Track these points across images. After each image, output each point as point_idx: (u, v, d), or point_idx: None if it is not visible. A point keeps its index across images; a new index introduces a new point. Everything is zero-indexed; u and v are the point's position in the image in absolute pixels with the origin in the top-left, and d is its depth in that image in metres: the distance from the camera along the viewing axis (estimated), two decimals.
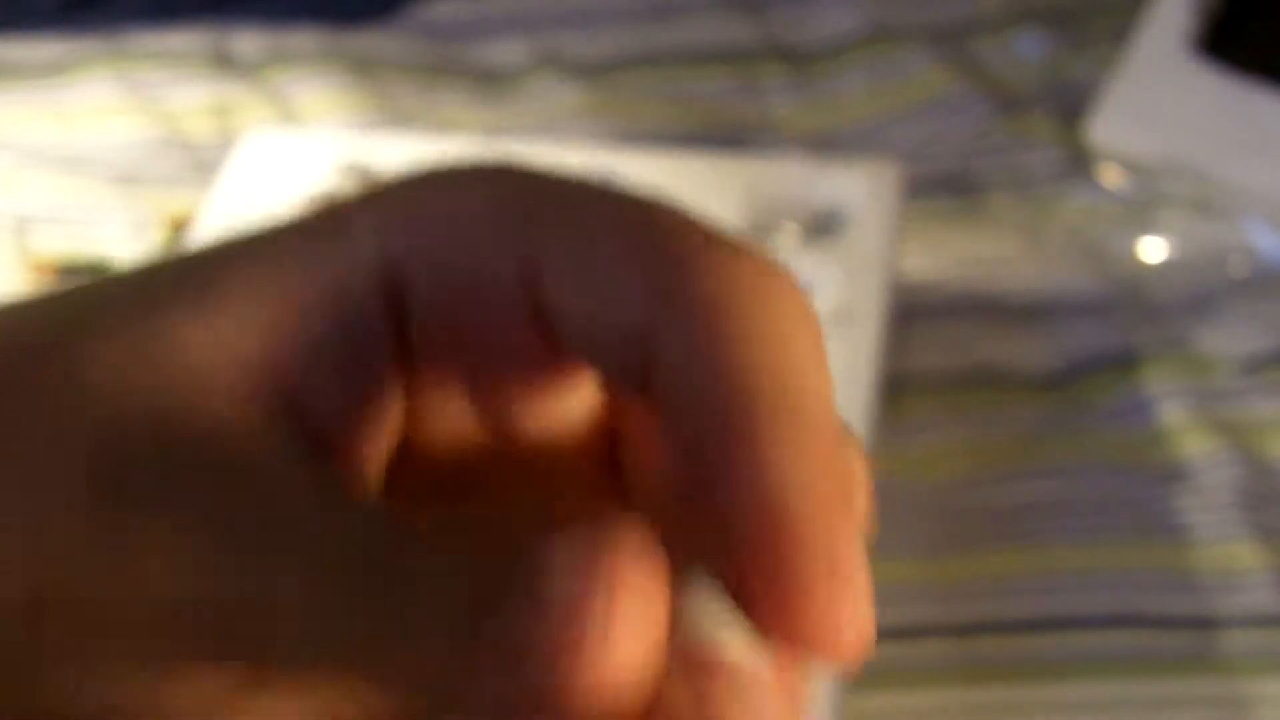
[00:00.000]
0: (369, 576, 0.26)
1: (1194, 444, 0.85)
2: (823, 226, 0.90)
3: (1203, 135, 0.99)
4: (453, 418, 0.31)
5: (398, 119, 1.09)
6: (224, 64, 1.14)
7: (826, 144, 1.06)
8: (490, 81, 1.13)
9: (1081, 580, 0.79)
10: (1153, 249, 0.97)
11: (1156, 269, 0.96)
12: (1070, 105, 1.06)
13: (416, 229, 0.30)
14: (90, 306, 0.29)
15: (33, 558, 0.26)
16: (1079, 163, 1.03)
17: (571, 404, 0.31)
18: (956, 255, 0.98)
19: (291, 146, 0.95)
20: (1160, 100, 1.01)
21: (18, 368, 0.28)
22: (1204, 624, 0.78)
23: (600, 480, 0.31)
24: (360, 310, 0.30)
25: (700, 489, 0.27)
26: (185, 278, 0.30)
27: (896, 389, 0.87)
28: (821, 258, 0.87)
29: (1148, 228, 0.98)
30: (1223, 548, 0.81)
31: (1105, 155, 1.02)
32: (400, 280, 0.30)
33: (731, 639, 0.26)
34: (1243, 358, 0.90)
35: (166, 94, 1.12)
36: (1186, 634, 0.77)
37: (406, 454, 0.31)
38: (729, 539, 0.26)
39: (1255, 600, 0.78)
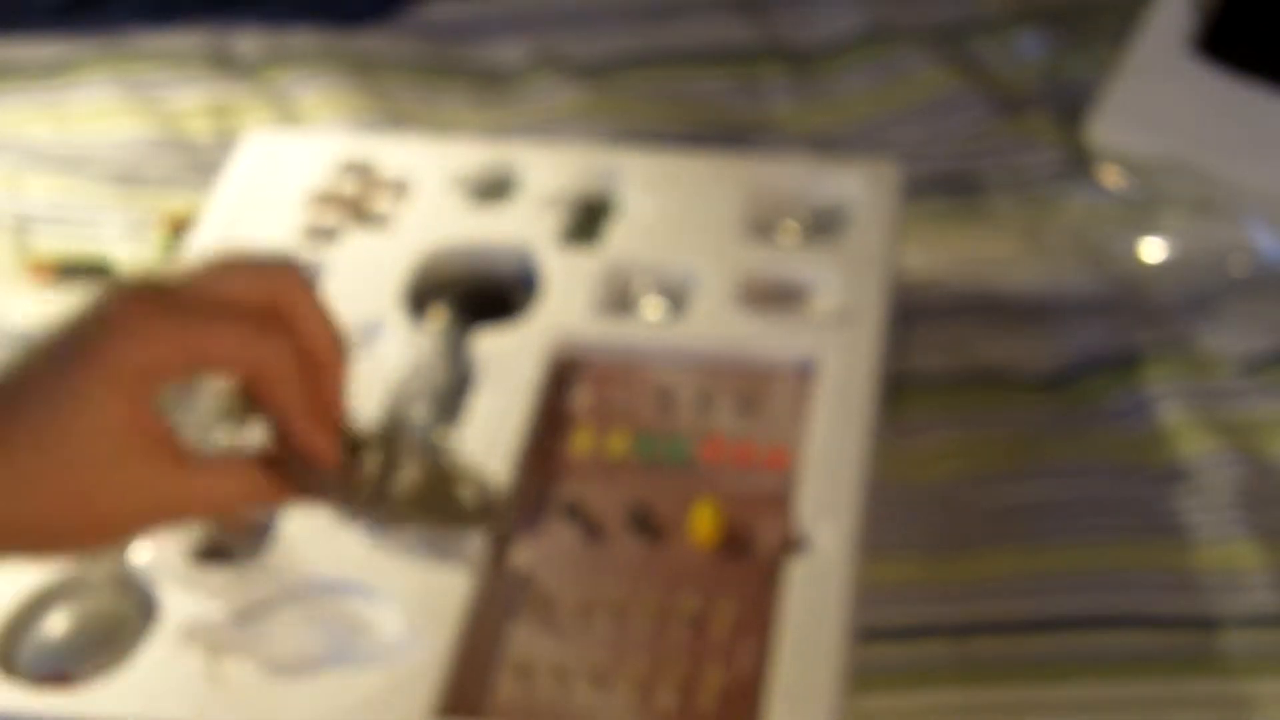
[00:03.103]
0: None
1: (1194, 444, 0.86)
2: (823, 226, 0.90)
3: (1203, 135, 0.99)
4: None
5: (398, 119, 1.09)
6: (224, 64, 1.14)
7: (826, 144, 1.06)
8: (490, 81, 1.13)
9: (1082, 580, 0.79)
10: (1153, 249, 0.97)
11: (1156, 269, 0.96)
12: (1070, 105, 1.06)
13: None
14: None
15: None
16: (1079, 163, 1.03)
17: None
18: (956, 255, 0.98)
19: (291, 146, 0.95)
20: (1160, 100, 1.01)
21: None
22: (1204, 624, 0.78)
23: None
24: None
25: None
26: None
27: (896, 389, 0.87)
28: (821, 257, 0.87)
29: (1148, 228, 0.98)
30: (1223, 548, 0.81)
31: (1105, 155, 1.02)
32: None
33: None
34: (1243, 358, 0.90)
35: (166, 94, 1.12)
36: (1186, 634, 0.77)
37: None
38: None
39: (1255, 600, 0.78)
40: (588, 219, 0.90)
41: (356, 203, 0.91)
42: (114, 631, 0.70)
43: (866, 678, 0.75)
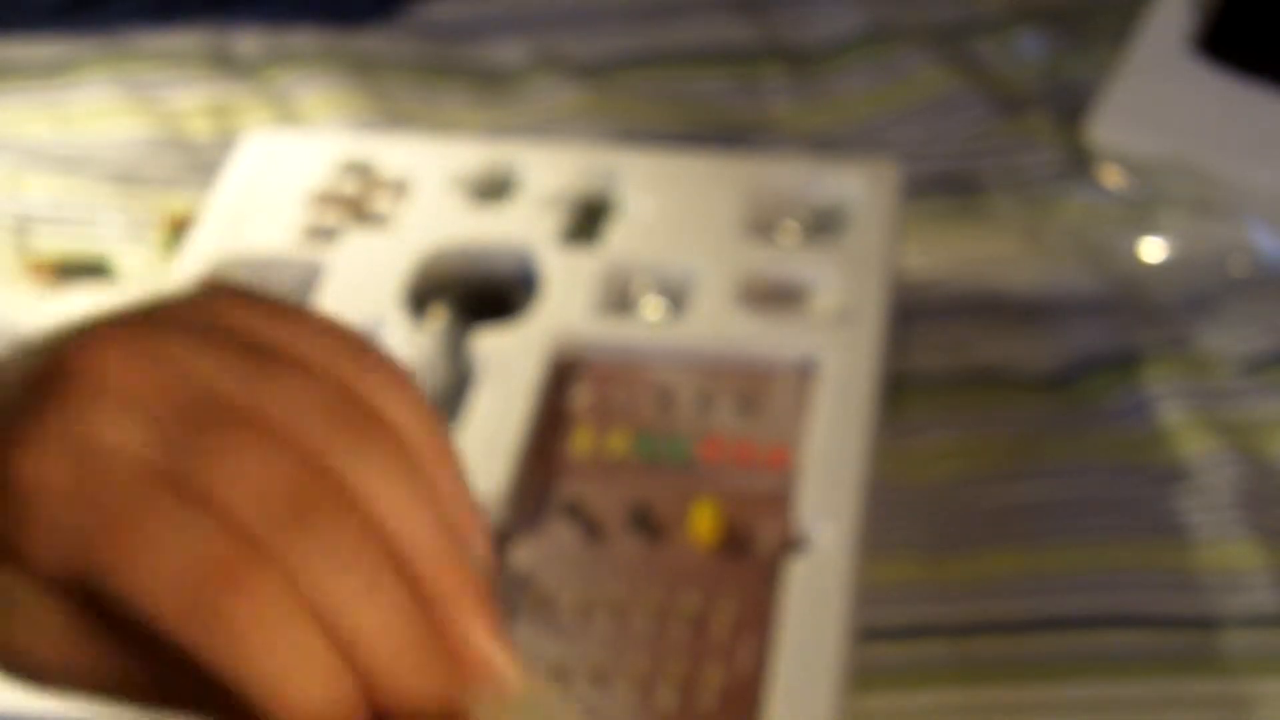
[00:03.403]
0: None
1: (1194, 444, 0.85)
2: (823, 225, 0.90)
3: (1203, 135, 0.99)
4: None
5: (398, 119, 1.09)
6: (224, 64, 1.14)
7: (826, 144, 1.06)
8: (490, 81, 1.13)
9: (1082, 580, 0.80)
10: (1153, 249, 0.97)
11: (1156, 269, 0.96)
12: (1070, 105, 1.06)
13: None
14: None
15: None
16: (1079, 163, 1.03)
17: None
18: (956, 255, 0.98)
19: (291, 146, 0.95)
20: (1160, 100, 1.01)
21: None
22: (1204, 624, 0.78)
23: None
24: None
25: None
26: None
27: (896, 389, 0.87)
28: (821, 257, 0.87)
29: (1148, 228, 0.98)
30: (1223, 548, 0.81)
31: (1105, 155, 1.02)
32: None
33: None
34: (1243, 358, 0.90)
35: (166, 94, 1.12)
36: (1186, 634, 0.77)
37: None
38: None
39: (1255, 600, 0.78)
40: (588, 219, 0.90)
41: (356, 203, 0.91)
42: None
43: (866, 678, 0.75)
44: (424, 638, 0.36)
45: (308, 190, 0.91)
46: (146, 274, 0.98)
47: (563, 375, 0.81)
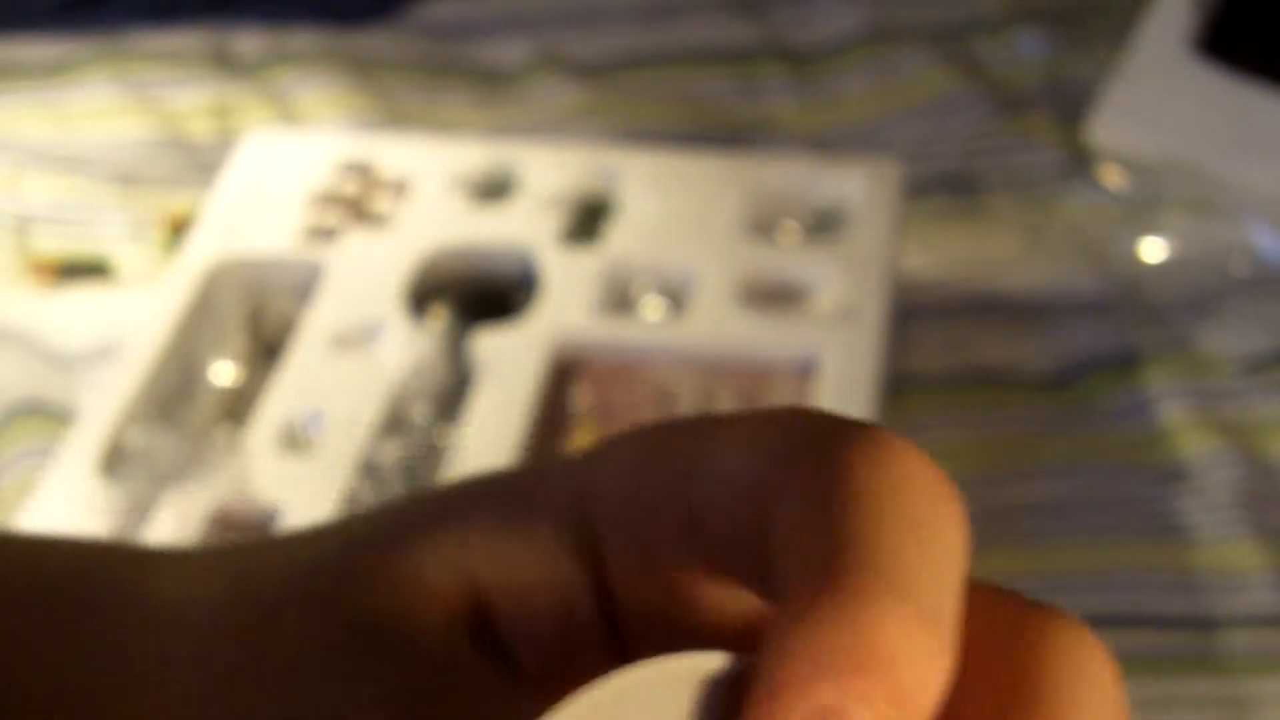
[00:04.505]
0: None
1: (1194, 444, 0.86)
2: (823, 225, 0.90)
3: (1203, 135, 0.99)
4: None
5: (398, 119, 1.09)
6: (224, 64, 1.14)
7: (826, 144, 1.06)
8: (490, 81, 1.13)
9: (1082, 580, 0.79)
10: (1153, 249, 0.97)
11: (1156, 269, 0.96)
12: (1070, 105, 1.06)
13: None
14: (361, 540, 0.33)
15: None
16: (1079, 163, 1.03)
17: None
18: (956, 255, 0.98)
19: (291, 146, 0.95)
20: (1160, 100, 1.01)
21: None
22: (1204, 624, 0.78)
23: None
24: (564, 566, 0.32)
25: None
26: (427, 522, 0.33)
27: (896, 389, 0.87)
28: (822, 257, 0.87)
29: (1148, 228, 0.98)
30: (1223, 548, 0.81)
31: (1105, 155, 1.02)
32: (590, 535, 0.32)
33: None
34: (1243, 358, 0.90)
35: (166, 94, 1.12)
36: (1186, 634, 0.77)
37: None
38: None
39: (1255, 600, 0.78)
40: (588, 219, 0.90)
41: (356, 203, 0.91)
42: None
43: None
44: None
45: (308, 190, 0.91)
46: (146, 274, 0.98)
47: (563, 375, 0.81)
